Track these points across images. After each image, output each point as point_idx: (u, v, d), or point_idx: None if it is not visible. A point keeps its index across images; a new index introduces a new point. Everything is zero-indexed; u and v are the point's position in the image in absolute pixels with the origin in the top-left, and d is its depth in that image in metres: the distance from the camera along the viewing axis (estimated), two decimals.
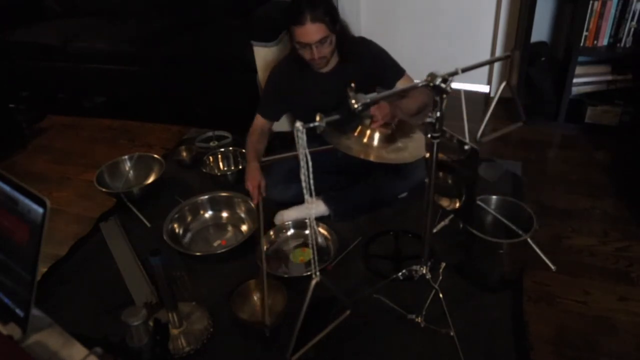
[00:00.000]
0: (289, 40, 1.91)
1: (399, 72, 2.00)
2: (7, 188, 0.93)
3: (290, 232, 1.99)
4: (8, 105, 3.02)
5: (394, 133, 1.86)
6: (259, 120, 2.13)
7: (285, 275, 1.76)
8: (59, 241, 2.06)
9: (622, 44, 2.35)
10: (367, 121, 1.83)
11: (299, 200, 2.00)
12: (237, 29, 2.72)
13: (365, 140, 1.83)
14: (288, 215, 2.01)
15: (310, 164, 1.14)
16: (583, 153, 2.43)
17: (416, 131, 1.93)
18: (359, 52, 1.97)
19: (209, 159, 2.43)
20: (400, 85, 1.98)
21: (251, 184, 1.95)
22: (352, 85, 1.12)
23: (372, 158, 1.76)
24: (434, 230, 1.75)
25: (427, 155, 1.26)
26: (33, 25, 3.20)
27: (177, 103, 3.19)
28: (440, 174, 1.37)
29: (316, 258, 1.35)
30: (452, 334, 1.45)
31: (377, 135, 1.83)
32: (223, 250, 1.88)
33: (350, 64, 1.96)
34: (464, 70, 1.13)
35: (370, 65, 1.96)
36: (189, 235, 2.04)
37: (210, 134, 2.63)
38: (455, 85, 1.12)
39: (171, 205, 2.08)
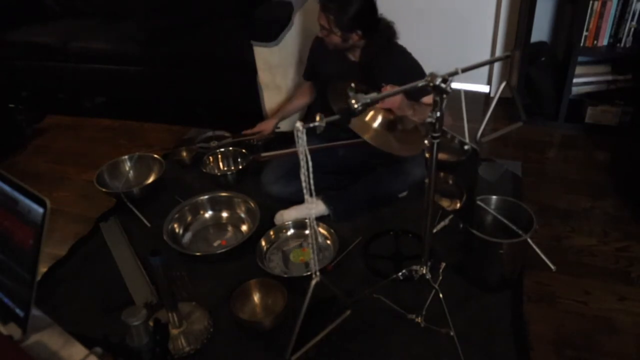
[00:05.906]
0: None
1: (427, 90, 1.98)
2: (7, 188, 0.93)
3: (290, 232, 1.99)
4: (8, 105, 3.02)
5: (396, 123, 1.80)
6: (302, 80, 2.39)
7: (285, 275, 1.76)
8: (59, 241, 2.06)
9: (622, 44, 2.35)
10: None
11: (298, 197, 1.99)
12: (237, 29, 2.71)
13: (366, 118, 1.76)
14: (288, 215, 2.01)
15: (310, 163, 1.14)
16: (583, 153, 2.43)
17: (418, 132, 1.88)
18: (391, 61, 1.96)
19: (209, 159, 2.43)
20: (426, 100, 1.94)
21: (260, 126, 2.34)
22: (352, 85, 1.12)
23: (366, 137, 1.70)
24: (434, 230, 1.75)
25: (427, 155, 1.26)
26: (33, 25, 3.19)
27: (177, 103, 3.19)
28: (441, 174, 1.37)
29: (316, 258, 1.35)
30: (452, 334, 1.45)
31: (380, 118, 1.75)
32: (223, 250, 1.88)
33: (378, 66, 1.96)
34: (464, 70, 1.13)
35: (399, 75, 1.89)
36: (189, 235, 2.04)
37: (210, 134, 2.63)
38: (455, 85, 1.12)
39: (171, 205, 2.08)
